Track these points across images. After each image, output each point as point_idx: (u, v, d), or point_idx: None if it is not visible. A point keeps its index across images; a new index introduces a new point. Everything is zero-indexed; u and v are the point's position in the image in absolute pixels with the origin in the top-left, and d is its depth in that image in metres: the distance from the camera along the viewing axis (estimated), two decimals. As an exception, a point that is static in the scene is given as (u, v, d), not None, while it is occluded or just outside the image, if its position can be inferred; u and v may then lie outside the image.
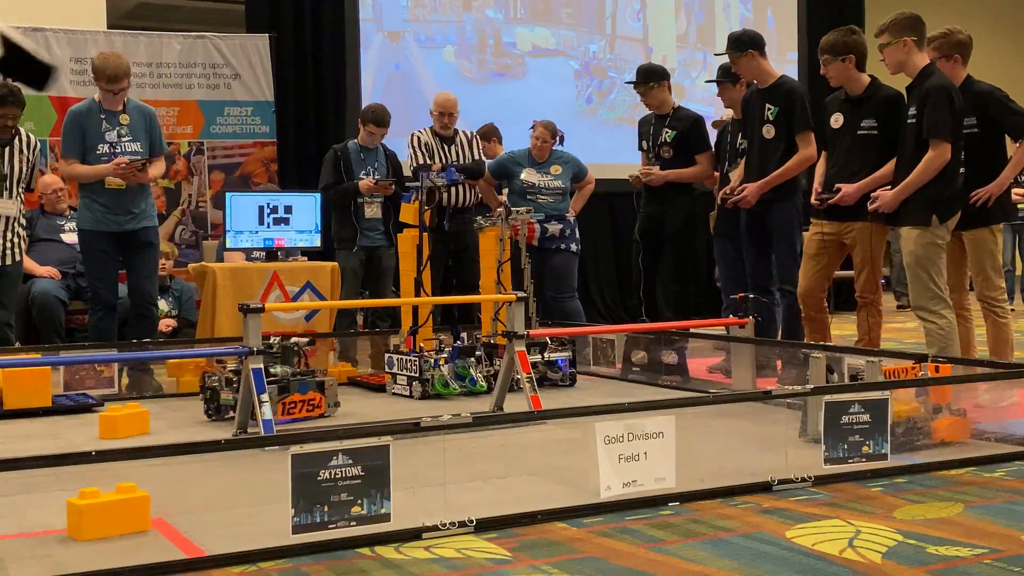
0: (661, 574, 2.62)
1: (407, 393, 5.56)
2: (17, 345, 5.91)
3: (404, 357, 5.61)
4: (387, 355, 5.79)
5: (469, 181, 7.01)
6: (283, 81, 8.99)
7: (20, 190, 5.93)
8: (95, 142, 5.97)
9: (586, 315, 7.28)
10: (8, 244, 5.87)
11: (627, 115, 10.77)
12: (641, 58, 10.44)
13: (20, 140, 5.90)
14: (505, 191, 6.98)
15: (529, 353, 5.03)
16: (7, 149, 5.84)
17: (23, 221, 6.05)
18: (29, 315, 6.68)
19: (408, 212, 6.00)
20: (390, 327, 7.01)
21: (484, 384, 5.61)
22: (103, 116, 5.99)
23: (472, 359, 5.64)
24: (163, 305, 7.15)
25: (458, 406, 5.21)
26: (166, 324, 7.31)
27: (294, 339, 4.98)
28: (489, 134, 8.19)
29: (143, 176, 6.00)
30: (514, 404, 4.89)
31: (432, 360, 5.52)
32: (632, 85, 6.59)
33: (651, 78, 6.49)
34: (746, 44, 5.74)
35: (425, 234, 5.85)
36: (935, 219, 4.78)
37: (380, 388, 5.81)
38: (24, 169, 5.91)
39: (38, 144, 6.05)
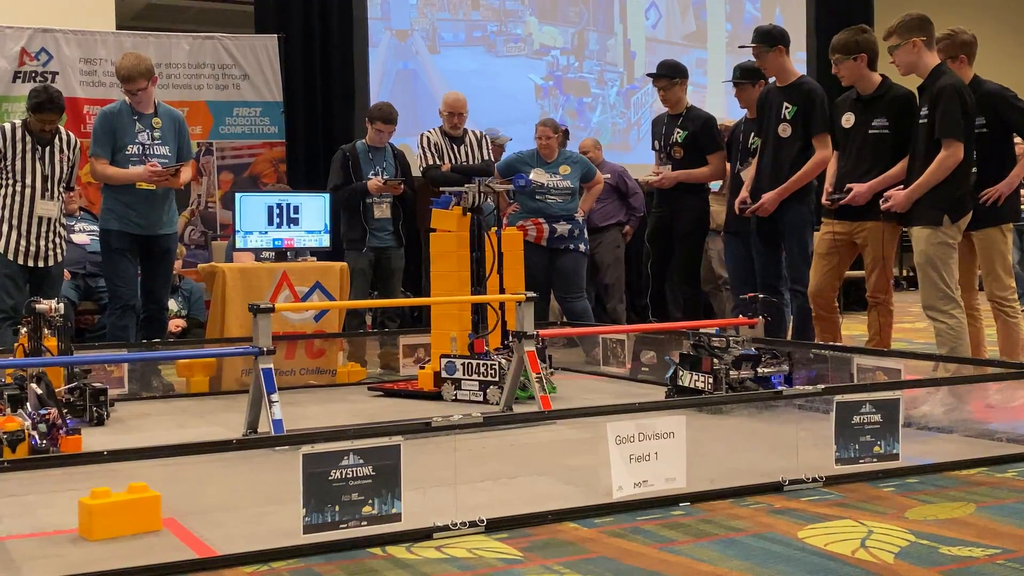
0: (673, 574, 2.62)
1: (480, 399, 5.17)
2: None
3: (478, 362, 5.24)
4: (446, 360, 5.34)
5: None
6: (292, 81, 8.99)
7: (60, 190, 5.95)
8: (126, 142, 5.99)
9: (594, 315, 7.27)
10: (50, 245, 5.90)
11: (643, 109, 10.78)
12: (647, 56, 10.43)
13: (60, 139, 5.92)
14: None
15: (740, 368, 4.73)
16: (47, 149, 5.86)
17: (63, 221, 6.08)
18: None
19: (449, 219, 5.60)
20: (399, 327, 7.02)
21: (551, 385, 5.43)
22: (135, 118, 6.03)
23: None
24: (172, 305, 7.17)
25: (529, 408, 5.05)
26: (175, 324, 7.33)
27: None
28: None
29: (175, 181, 6.04)
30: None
31: (507, 364, 5.24)
32: (652, 78, 6.56)
33: (675, 74, 6.48)
34: (776, 39, 5.74)
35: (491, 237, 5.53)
36: (946, 219, 4.77)
37: (434, 396, 5.37)
38: (65, 169, 5.94)
39: (77, 142, 6.07)
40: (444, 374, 5.36)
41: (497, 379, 5.16)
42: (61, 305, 4.71)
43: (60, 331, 4.65)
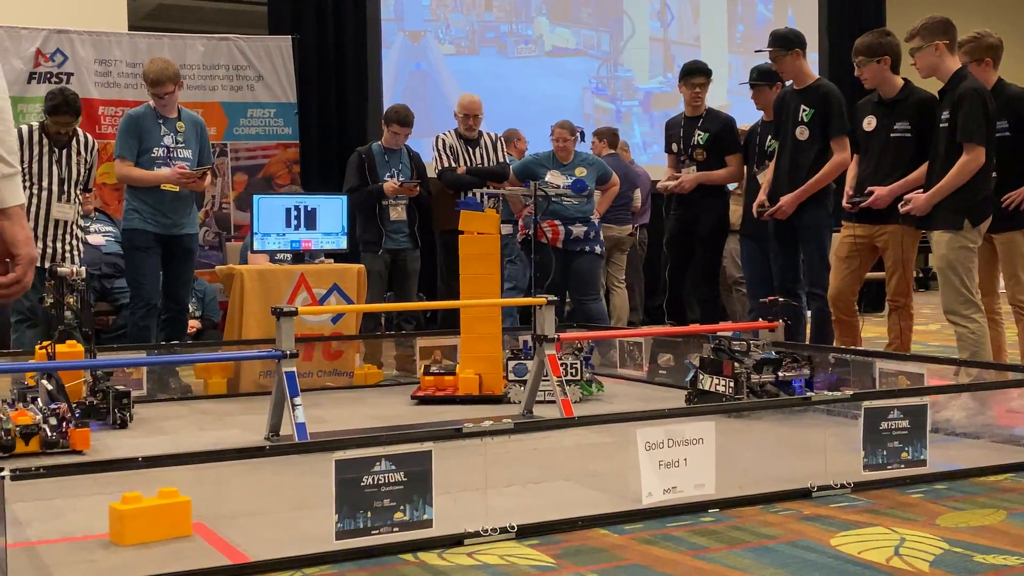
0: (708, 582, 2.61)
1: (555, 399, 4.91)
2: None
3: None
4: (516, 362, 5.37)
5: (493, 184, 7.00)
6: (305, 82, 8.99)
7: (77, 192, 5.96)
8: (151, 145, 6.04)
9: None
10: (67, 247, 5.91)
11: (652, 111, 10.77)
12: (662, 59, 10.42)
13: (78, 141, 5.93)
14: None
15: (761, 372, 4.70)
16: (64, 151, 5.87)
17: (81, 223, 6.11)
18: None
19: (482, 220, 5.51)
20: (415, 329, 7.01)
21: (598, 384, 5.57)
22: (160, 121, 6.08)
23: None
24: (189, 307, 7.16)
25: (595, 408, 5.15)
26: (191, 325, 7.33)
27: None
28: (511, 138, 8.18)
29: (200, 184, 6.11)
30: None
31: (579, 363, 5.36)
32: (689, 75, 6.50)
33: (711, 74, 6.48)
34: (793, 42, 5.72)
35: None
36: (967, 223, 4.77)
37: (487, 400, 5.32)
38: (82, 171, 5.95)
39: (95, 144, 6.08)
40: (512, 376, 5.36)
41: (579, 377, 5.29)
42: (83, 269, 4.79)
43: (81, 295, 4.71)
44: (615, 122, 10.28)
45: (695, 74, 6.47)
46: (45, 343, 4.72)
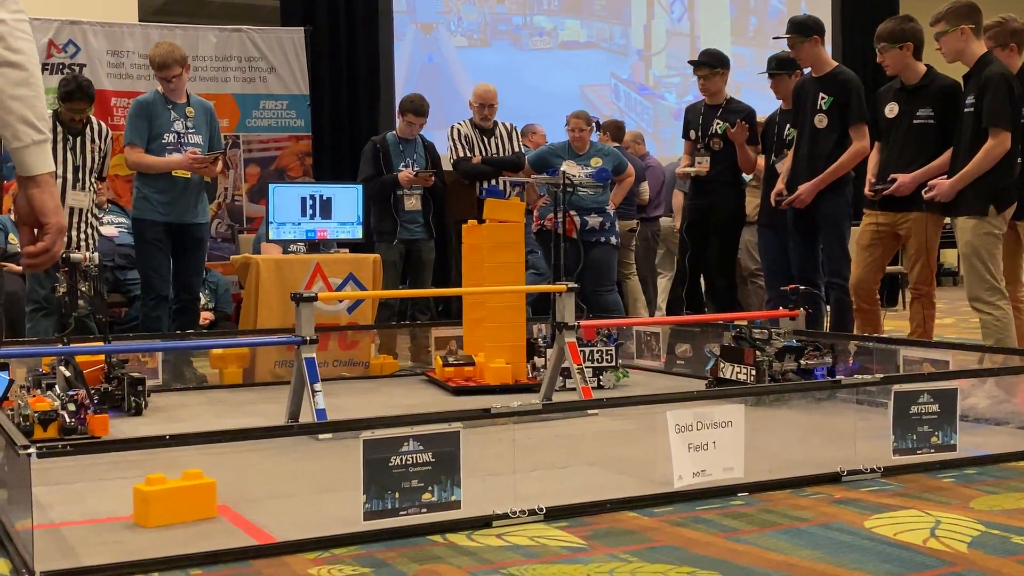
0: (744, 563, 2.57)
1: (594, 385, 5.15)
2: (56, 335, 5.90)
3: (590, 349, 5.33)
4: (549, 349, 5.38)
5: (508, 174, 6.96)
6: (318, 74, 8.96)
7: (92, 180, 5.94)
8: (162, 131, 6.00)
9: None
10: (82, 236, 5.89)
11: (665, 103, 10.73)
12: (680, 51, 10.38)
13: (92, 129, 5.91)
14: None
15: (783, 360, 4.71)
16: (79, 139, 5.85)
17: (96, 212, 6.08)
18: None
19: (508, 208, 5.53)
20: (430, 320, 6.98)
21: (624, 371, 5.60)
22: (170, 107, 6.04)
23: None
24: (200, 298, 7.13)
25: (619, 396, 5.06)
26: (204, 317, 7.30)
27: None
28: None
29: (213, 169, 6.07)
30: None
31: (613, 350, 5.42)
32: (694, 66, 6.50)
33: (717, 63, 6.45)
34: (811, 29, 5.69)
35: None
36: (992, 209, 4.72)
37: (528, 388, 5.26)
38: (96, 159, 5.93)
39: (109, 132, 6.05)
40: None
41: (614, 364, 5.35)
42: (96, 255, 4.76)
43: (95, 282, 4.68)
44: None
45: (698, 67, 6.49)
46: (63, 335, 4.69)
